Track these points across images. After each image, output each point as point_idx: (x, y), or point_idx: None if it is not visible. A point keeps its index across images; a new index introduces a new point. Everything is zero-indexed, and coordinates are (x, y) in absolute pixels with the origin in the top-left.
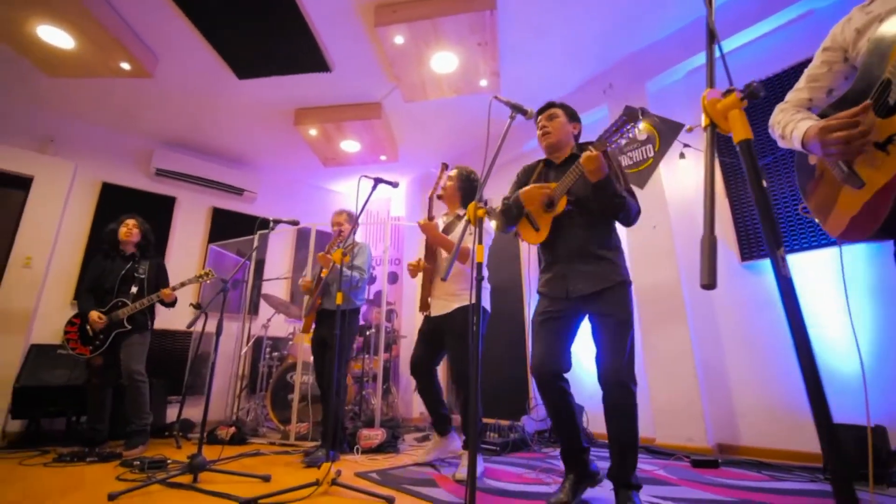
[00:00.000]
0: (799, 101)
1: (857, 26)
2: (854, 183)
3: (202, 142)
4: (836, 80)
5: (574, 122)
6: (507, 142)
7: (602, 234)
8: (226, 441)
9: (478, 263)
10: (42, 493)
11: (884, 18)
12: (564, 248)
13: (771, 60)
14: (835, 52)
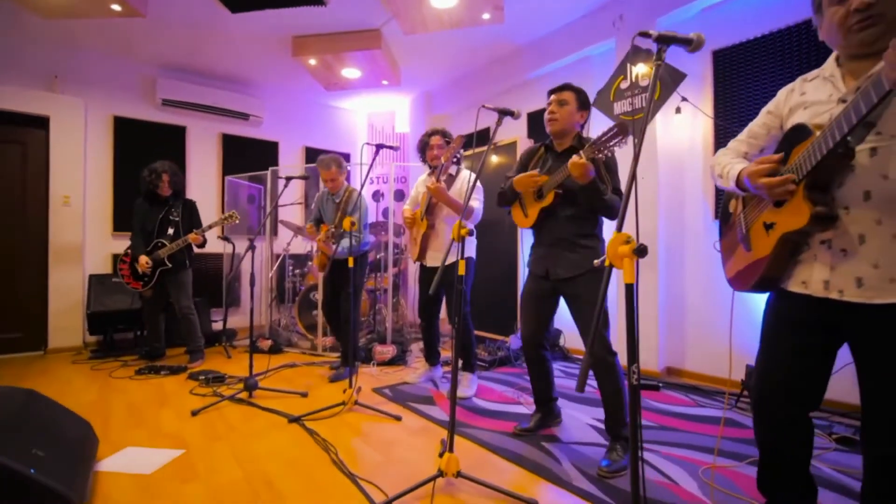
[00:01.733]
0: (737, 151)
1: (791, 105)
2: (745, 246)
3: (203, 70)
4: (770, 143)
5: (583, 111)
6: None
7: (584, 225)
8: (265, 351)
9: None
10: (143, 406)
11: (808, 106)
12: (549, 235)
13: (772, 15)
14: (775, 118)
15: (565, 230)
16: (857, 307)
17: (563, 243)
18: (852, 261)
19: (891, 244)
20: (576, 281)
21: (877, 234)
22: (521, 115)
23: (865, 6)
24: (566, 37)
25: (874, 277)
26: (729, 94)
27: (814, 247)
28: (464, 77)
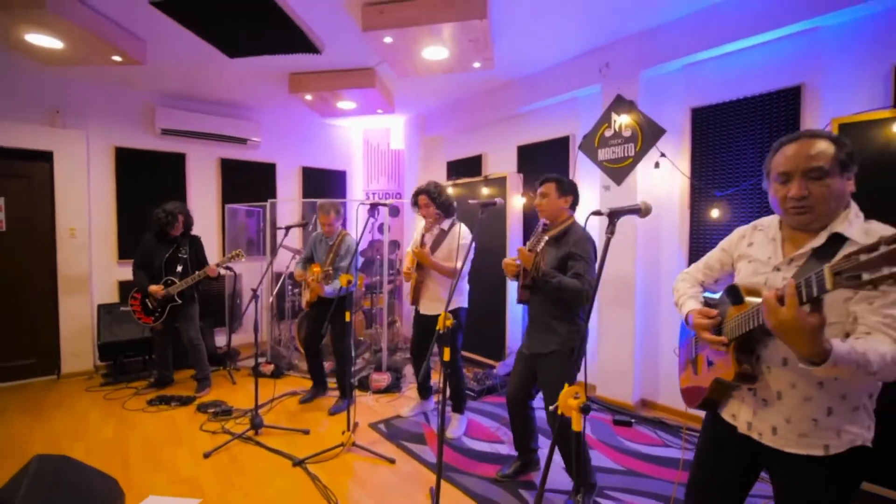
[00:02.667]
0: (695, 279)
1: (740, 251)
2: (693, 368)
3: (201, 98)
4: (723, 276)
5: (566, 196)
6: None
7: (556, 307)
8: (268, 376)
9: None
10: (158, 445)
11: (751, 261)
12: (531, 312)
13: (751, 78)
14: (727, 255)
15: (539, 310)
16: (773, 451)
17: (537, 322)
18: (771, 411)
19: (801, 405)
20: (542, 358)
21: (790, 395)
22: (502, 201)
23: (799, 197)
24: (554, 78)
25: (786, 430)
26: (705, 152)
27: (744, 390)
28: (457, 103)
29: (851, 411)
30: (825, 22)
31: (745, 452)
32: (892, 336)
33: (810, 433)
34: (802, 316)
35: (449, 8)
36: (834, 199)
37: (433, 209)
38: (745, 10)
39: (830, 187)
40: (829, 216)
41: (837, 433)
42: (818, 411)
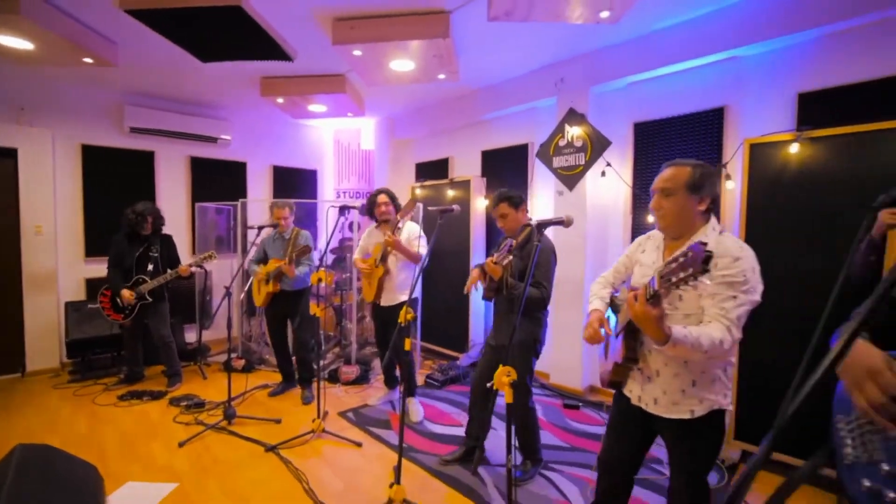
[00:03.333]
0: (607, 281)
1: (636, 257)
2: (605, 354)
3: (171, 99)
4: (628, 278)
5: (519, 208)
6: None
7: (516, 304)
8: (239, 371)
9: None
10: (133, 438)
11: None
12: (497, 307)
13: (684, 99)
14: (630, 260)
15: (505, 306)
16: (655, 417)
17: (502, 316)
18: (652, 385)
19: (672, 380)
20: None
21: (664, 372)
22: (458, 208)
23: (656, 207)
24: (515, 89)
25: (663, 399)
26: (646, 163)
27: (634, 369)
28: (425, 108)
29: (710, 383)
30: (743, 52)
31: (639, 419)
32: (725, 324)
33: (680, 401)
34: (648, 309)
35: (415, 26)
36: (681, 214)
37: (392, 208)
38: (676, 38)
39: (676, 204)
40: (681, 227)
41: (700, 400)
42: (685, 384)
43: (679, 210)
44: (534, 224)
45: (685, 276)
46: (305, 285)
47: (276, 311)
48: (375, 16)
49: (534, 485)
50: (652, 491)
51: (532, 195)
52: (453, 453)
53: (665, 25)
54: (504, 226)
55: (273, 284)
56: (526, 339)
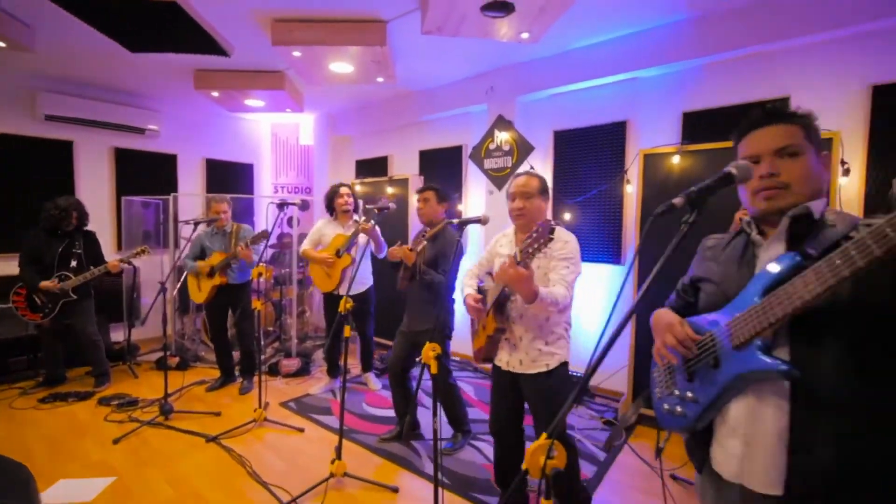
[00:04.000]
0: (473, 274)
1: (495, 252)
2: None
3: (94, 86)
4: (490, 269)
5: (442, 203)
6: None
7: (429, 292)
8: (174, 368)
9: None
10: (61, 438)
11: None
12: (410, 297)
13: (594, 112)
14: (490, 255)
15: (418, 295)
16: (521, 375)
17: (415, 304)
18: (517, 350)
19: (531, 343)
20: (420, 334)
21: (525, 338)
22: (395, 205)
23: (519, 207)
24: (449, 94)
25: (526, 360)
26: (564, 167)
27: (503, 340)
28: (366, 106)
29: (557, 340)
30: (641, 74)
31: (511, 383)
32: (564, 285)
33: (538, 359)
34: (521, 270)
35: (353, 33)
36: (535, 212)
37: (353, 200)
38: (588, 58)
39: (533, 204)
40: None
41: (552, 356)
42: (541, 344)
43: (535, 209)
44: (455, 222)
45: (538, 245)
46: (247, 278)
47: (219, 305)
48: (315, 20)
49: (463, 453)
50: None
51: (466, 194)
52: (390, 432)
53: (579, 46)
54: (422, 209)
55: (219, 277)
56: (436, 325)
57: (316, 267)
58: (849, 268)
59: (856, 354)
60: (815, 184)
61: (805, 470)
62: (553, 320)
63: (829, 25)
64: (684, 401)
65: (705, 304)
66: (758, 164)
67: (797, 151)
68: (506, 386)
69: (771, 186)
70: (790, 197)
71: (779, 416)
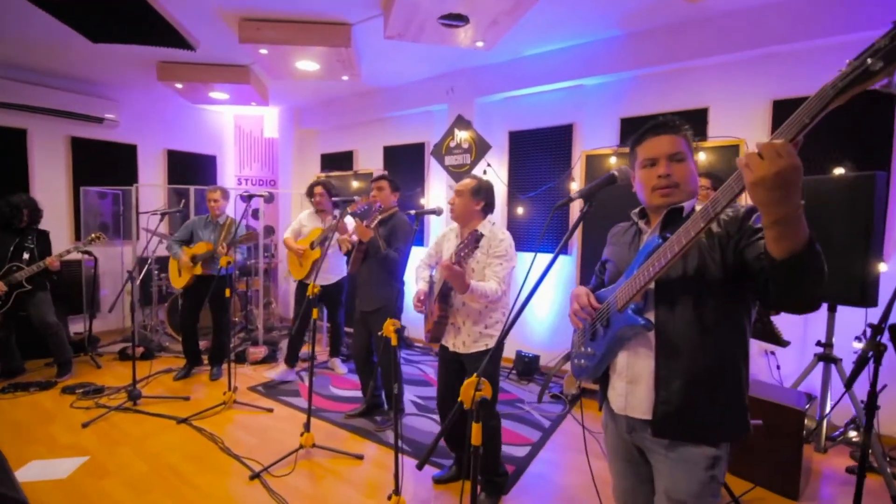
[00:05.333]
0: (424, 265)
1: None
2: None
3: (47, 70)
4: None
5: (395, 193)
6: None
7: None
8: (139, 358)
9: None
10: (28, 425)
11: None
12: (360, 278)
13: (544, 114)
14: (438, 247)
15: (368, 277)
16: (464, 355)
17: (366, 285)
18: (460, 333)
19: (472, 327)
20: (372, 314)
21: (466, 322)
22: (360, 200)
23: (451, 202)
24: (412, 93)
25: (468, 341)
26: (518, 165)
27: (448, 324)
28: (332, 101)
29: (494, 324)
30: (585, 82)
31: (455, 362)
32: (496, 280)
33: (479, 340)
34: (456, 268)
35: (319, 34)
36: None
37: (327, 199)
38: (538, 65)
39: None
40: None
41: (491, 337)
42: (480, 327)
43: (463, 206)
44: (413, 213)
45: (468, 251)
46: (231, 271)
47: (196, 293)
48: (282, 20)
49: (422, 423)
50: None
51: (428, 188)
52: (356, 410)
53: (530, 54)
54: (376, 196)
55: (200, 267)
56: (387, 305)
57: (292, 255)
58: (679, 245)
59: (697, 313)
60: (694, 185)
61: (665, 399)
62: (490, 307)
63: (743, 45)
64: (587, 356)
65: (608, 280)
66: (654, 167)
67: (683, 157)
68: (451, 364)
69: (665, 185)
70: (681, 194)
71: (648, 361)
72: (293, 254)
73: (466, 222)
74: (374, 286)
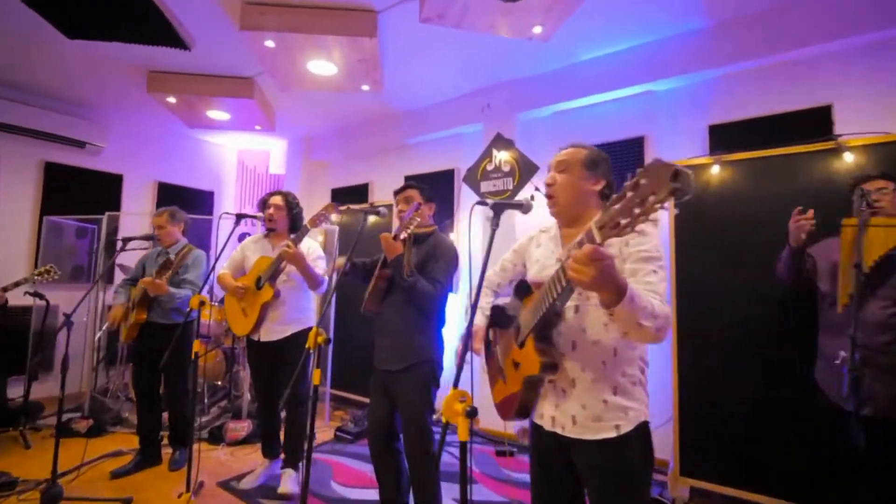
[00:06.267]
0: (491, 283)
1: (529, 253)
2: (503, 377)
3: (21, 85)
4: (516, 276)
5: (429, 204)
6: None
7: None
8: (83, 434)
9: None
10: None
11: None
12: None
13: (606, 128)
14: (519, 256)
15: (394, 318)
16: (575, 441)
17: (390, 332)
18: (569, 400)
19: (591, 387)
20: (397, 374)
21: (582, 379)
22: (387, 212)
23: (549, 183)
24: (441, 113)
25: (582, 416)
26: None
27: (546, 384)
28: (345, 129)
29: (632, 386)
30: (656, 87)
31: (558, 451)
32: (656, 298)
33: (603, 415)
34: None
35: (336, 20)
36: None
37: (284, 215)
38: (595, 72)
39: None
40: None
41: (625, 411)
42: (606, 391)
43: (574, 188)
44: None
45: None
46: (180, 319)
47: (142, 350)
48: (291, 4)
49: None
50: None
51: (458, 220)
52: None
53: (586, 58)
54: (404, 212)
55: (138, 312)
56: (422, 363)
57: (231, 300)
58: None
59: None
60: None
61: None
62: (631, 352)
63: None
64: None
65: None
66: None
67: None
68: (553, 455)
69: None
70: None
71: None
72: (231, 296)
73: (577, 216)
74: (403, 332)
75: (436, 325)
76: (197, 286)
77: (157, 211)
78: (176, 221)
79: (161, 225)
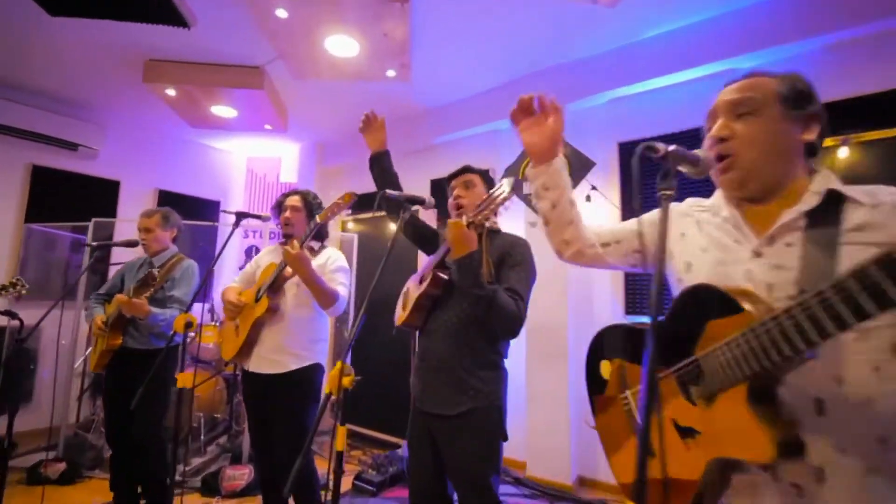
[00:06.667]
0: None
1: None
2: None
3: (8, 82)
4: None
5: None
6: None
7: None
8: (52, 480)
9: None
10: None
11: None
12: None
13: (675, 116)
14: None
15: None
16: None
17: (439, 361)
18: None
19: (859, 485)
20: (448, 421)
21: (840, 470)
22: (432, 202)
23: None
24: (474, 108)
25: None
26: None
27: (752, 471)
28: None
29: None
30: (737, 63)
31: None
32: None
33: None
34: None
35: None
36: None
37: (303, 218)
38: (660, 50)
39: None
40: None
41: None
42: (887, 489)
43: (768, 137)
44: None
45: None
46: (162, 344)
47: (115, 383)
48: None
49: None
50: None
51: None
52: None
53: (651, 35)
54: (464, 200)
55: (112, 335)
56: (488, 408)
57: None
58: None
59: None
60: None
61: None
62: None
63: None
64: None
65: None
66: None
67: None
68: None
69: None
70: None
71: None
72: (229, 312)
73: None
74: (462, 363)
75: (502, 355)
76: (185, 304)
77: (147, 211)
78: (168, 226)
79: (149, 228)
